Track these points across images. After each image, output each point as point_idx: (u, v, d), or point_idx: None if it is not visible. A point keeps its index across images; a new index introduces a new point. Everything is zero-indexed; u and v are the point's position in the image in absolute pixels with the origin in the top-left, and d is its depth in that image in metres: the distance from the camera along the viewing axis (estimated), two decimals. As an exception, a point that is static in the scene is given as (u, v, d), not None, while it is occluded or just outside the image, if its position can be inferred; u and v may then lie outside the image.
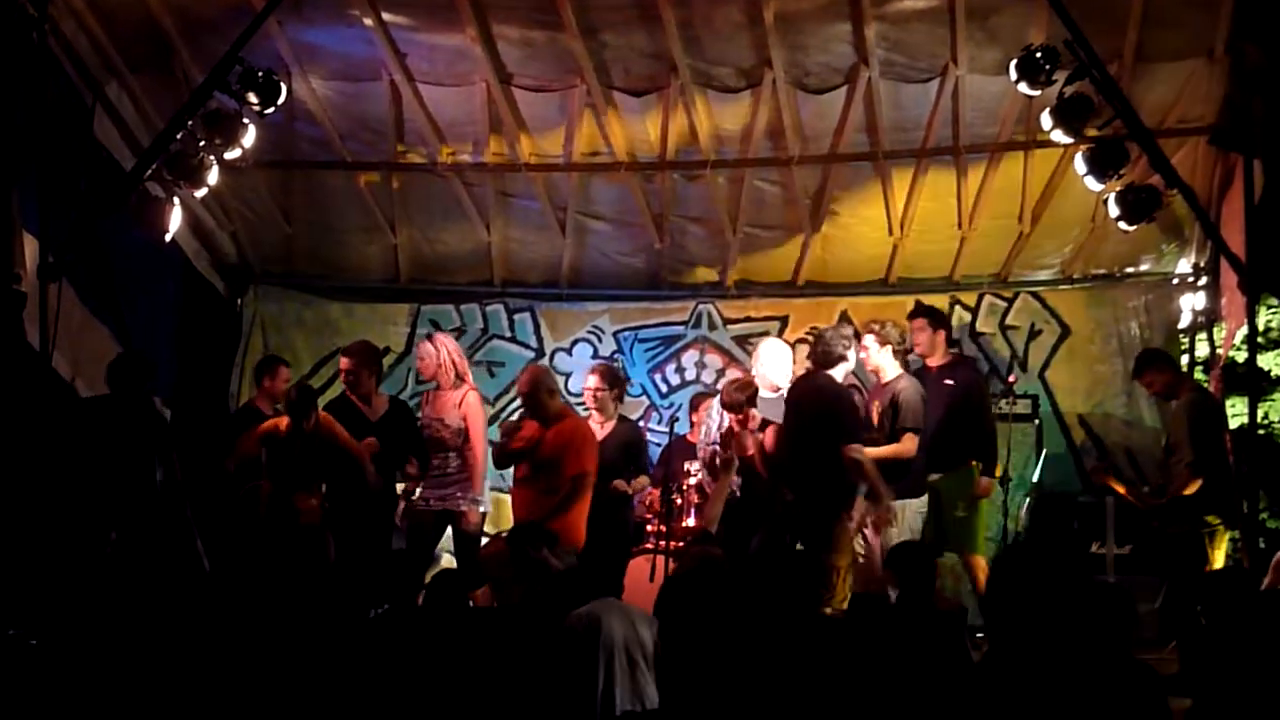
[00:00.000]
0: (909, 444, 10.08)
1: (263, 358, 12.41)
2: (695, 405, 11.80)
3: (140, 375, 9.83)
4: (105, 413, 9.62)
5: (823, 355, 10.10)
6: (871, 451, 9.82)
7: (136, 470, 9.54)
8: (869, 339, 10.53)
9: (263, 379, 11.80)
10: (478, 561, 9.98)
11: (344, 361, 10.94)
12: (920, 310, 11.08)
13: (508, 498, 12.29)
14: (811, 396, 10.06)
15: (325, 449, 10.06)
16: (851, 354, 10.19)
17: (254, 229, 13.09)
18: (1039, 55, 9.32)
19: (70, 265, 8.60)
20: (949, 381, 10.71)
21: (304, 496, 9.99)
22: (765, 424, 10.35)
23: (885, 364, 10.48)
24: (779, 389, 10.70)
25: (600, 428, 11.00)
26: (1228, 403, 11.24)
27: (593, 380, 11.25)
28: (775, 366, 10.90)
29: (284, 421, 10.12)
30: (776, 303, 13.34)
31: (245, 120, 9.74)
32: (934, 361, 10.94)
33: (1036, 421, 12.03)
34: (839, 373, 10.17)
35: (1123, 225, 9.82)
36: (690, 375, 13.28)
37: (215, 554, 10.11)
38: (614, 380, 11.36)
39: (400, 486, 11.04)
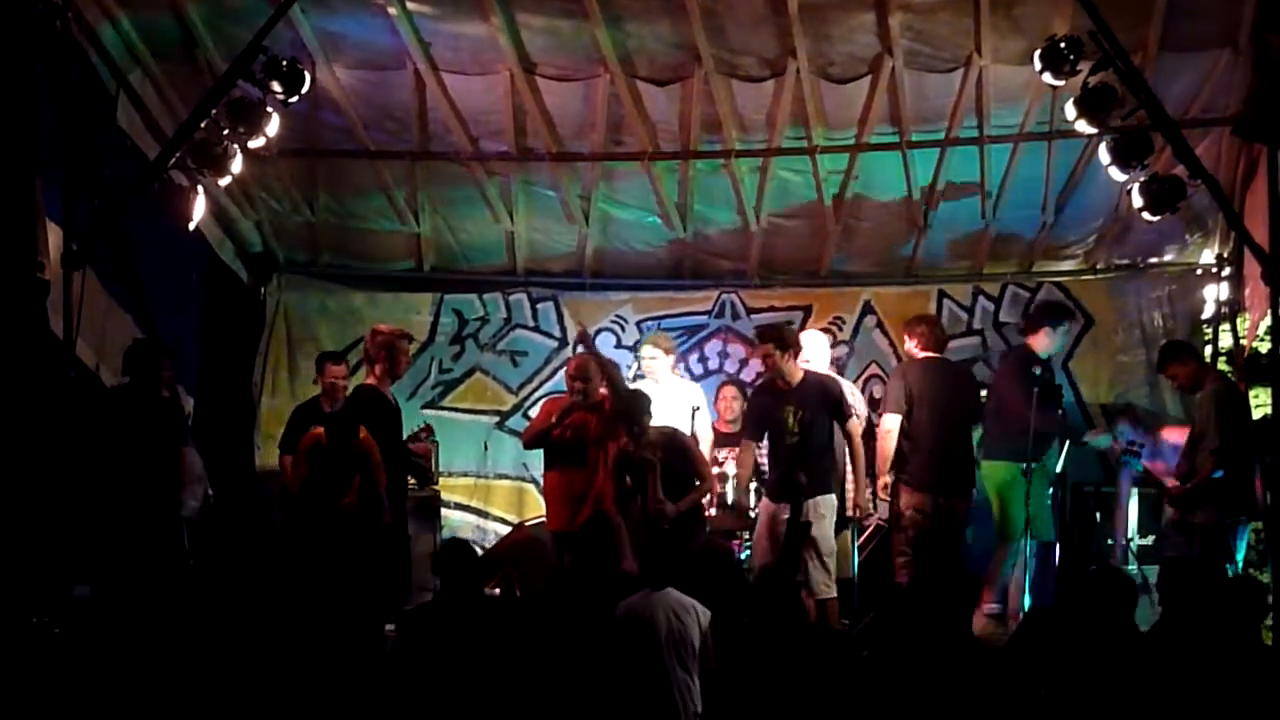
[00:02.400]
0: None
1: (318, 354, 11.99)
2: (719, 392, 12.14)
3: (156, 361, 9.81)
4: (124, 401, 9.64)
5: (942, 339, 11.20)
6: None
7: (152, 457, 9.56)
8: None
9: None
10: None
11: (403, 345, 10.78)
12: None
13: (531, 487, 12.40)
14: (965, 380, 11.45)
15: (359, 465, 10.00)
16: None
17: (278, 218, 13.13)
18: (1063, 45, 9.32)
19: (93, 254, 8.59)
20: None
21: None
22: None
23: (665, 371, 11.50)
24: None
25: None
26: (1251, 394, 11.21)
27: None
28: (814, 357, 11.14)
29: (322, 433, 10.08)
30: (800, 293, 13.33)
31: (269, 109, 9.75)
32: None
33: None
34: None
35: (1146, 216, 9.81)
36: (714, 365, 13.25)
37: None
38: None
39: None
